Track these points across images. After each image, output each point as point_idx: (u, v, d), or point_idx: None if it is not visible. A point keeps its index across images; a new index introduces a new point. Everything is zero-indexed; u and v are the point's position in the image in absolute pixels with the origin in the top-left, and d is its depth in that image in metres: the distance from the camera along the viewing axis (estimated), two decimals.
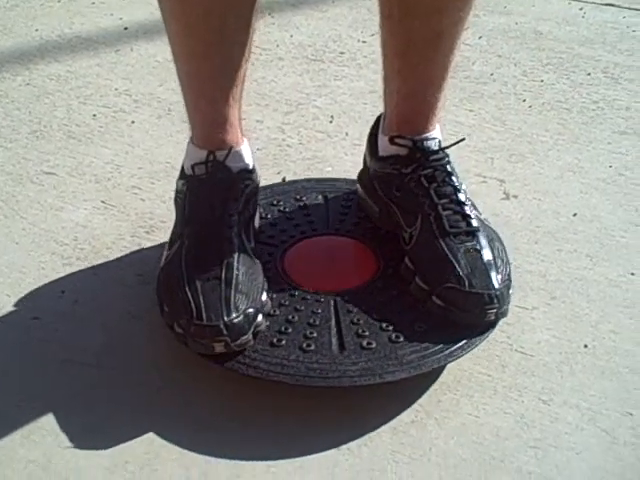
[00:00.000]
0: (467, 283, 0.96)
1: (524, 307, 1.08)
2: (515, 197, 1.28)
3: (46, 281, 1.13)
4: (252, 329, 0.94)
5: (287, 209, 1.19)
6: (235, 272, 0.96)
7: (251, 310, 0.94)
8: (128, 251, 1.18)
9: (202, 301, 0.93)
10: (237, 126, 1.05)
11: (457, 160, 1.09)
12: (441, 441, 0.91)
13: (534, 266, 1.14)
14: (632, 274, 1.13)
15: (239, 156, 1.06)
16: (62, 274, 1.14)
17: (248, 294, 0.95)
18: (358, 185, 1.19)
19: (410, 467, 0.88)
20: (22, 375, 1.00)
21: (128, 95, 1.55)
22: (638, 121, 1.45)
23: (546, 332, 1.04)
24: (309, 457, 0.90)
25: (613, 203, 1.26)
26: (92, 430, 0.93)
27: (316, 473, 0.88)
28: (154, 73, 1.61)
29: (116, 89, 1.57)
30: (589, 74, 1.59)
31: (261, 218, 1.15)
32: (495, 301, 0.96)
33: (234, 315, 0.92)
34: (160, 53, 1.65)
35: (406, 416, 0.94)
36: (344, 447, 0.91)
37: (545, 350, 1.02)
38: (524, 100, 1.51)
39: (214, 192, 1.03)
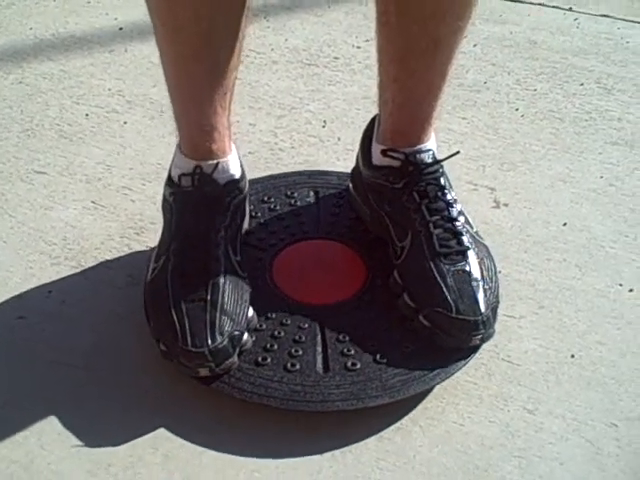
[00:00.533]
0: (454, 309, 0.96)
1: (512, 316, 1.08)
2: (506, 205, 1.28)
3: (33, 281, 1.12)
4: (237, 350, 0.94)
5: (277, 207, 1.18)
6: (221, 292, 0.96)
7: (236, 333, 0.94)
8: (117, 252, 1.17)
9: (187, 325, 0.93)
10: (225, 135, 1.04)
11: (449, 168, 1.09)
12: (425, 449, 0.91)
13: (523, 275, 1.14)
14: (620, 285, 1.13)
15: (226, 167, 1.05)
16: (50, 274, 1.13)
17: (233, 315, 0.95)
18: (350, 183, 1.19)
19: (394, 475, 0.88)
20: (7, 375, 0.99)
21: (121, 96, 1.55)
22: (630, 132, 1.45)
23: (533, 341, 1.04)
24: (293, 462, 0.90)
25: (603, 213, 1.26)
26: (76, 432, 0.93)
27: (300, 478, 0.88)
28: (147, 74, 1.61)
29: (109, 89, 1.56)
30: (582, 84, 1.59)
31: (251, 217, 1.15)
32: (481, 327, 0.96)
33: (219, 340, 0.92)
34: (154, 54, 1.61)
35: (391, 423, 0.94)
36: (328, 453, 0.91)
37: (532, 359, 1.02)
38: (517, 109, 1.51)
39: (201, 206, 1.02)
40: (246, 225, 1.11)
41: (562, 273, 1.15)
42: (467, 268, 1.00)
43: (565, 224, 1.24)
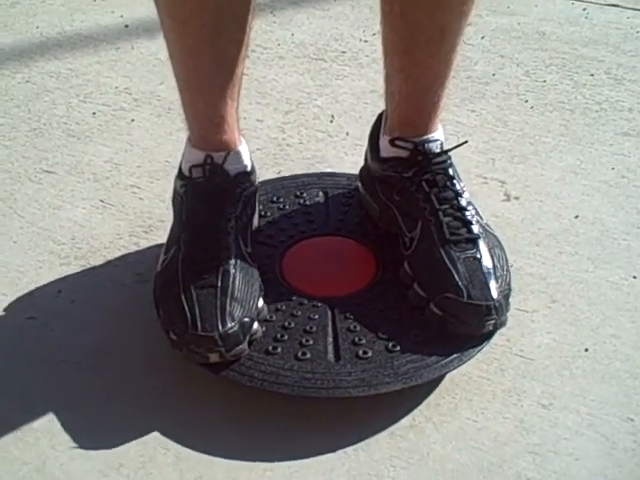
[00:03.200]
0: (466, 294, 0.95)
1: (524, 310, 1.07)
2: (516, 198, 1.27)
3: (43, 280, 1.12)
4: (247, 338, 0.93)
5: (287, 207, 1.18)
6: (231, 280, 0.96)
7: (247, 319, 0.93)
8: (126, 251, 1.17)
9: (197, 310, 0.93)
10: (235, 126, 1.04)
11: (458, 161, 1.08)
12: (439, 446, 0.90)
13: (535, 268, 1.13)
14: (634, 277, 1.12)
15: (237, 158, 1.04)
16: (59, 273, 1.13)
17: (244, 302, 0.95)
18: (359, 182, 1.18)
19: (408, 472, 0.88)
20: (17, 375, 0.99)
21: (128, 93, 1.54)
22: None
23: (546, 336, 1.03)
24: (306, 461, 0.89)
25: (615, 205, 1.25)
26: (87, 432, 0.92)
27: (312, 477, 0.87)
28: (154, 71, 1.61)
29: (116, 87, 1.56)
30: (592, 75, 1.57)
31: (260, 216, 1.14)
32: (493, 312, 0.95)
33: (229, 325, 0.91)
34: (161, 51, 1.63)
35: (404, 420, 0.93)
36: (341, 451, 0.90)
37: (545, 354, 1.01)
38: (526, 101, 1.50)
39: (211, 196, 1.02)
40: (255, 223, 1.10)
41: (574, 266, 1.14)
42: (478, 255, 0.99)
43: (577, 217, 1.23)
